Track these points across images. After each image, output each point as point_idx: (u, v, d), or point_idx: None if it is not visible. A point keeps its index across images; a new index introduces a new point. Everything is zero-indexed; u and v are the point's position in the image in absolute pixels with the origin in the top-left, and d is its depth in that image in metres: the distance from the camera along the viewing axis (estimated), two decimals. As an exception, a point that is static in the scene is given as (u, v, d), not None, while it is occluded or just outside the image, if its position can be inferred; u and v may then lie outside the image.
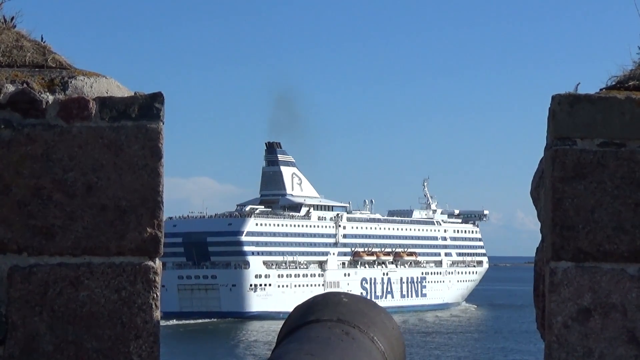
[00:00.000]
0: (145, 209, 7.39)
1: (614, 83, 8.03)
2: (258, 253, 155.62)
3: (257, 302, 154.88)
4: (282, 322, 6.41)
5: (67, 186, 7.32)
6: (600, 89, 7.93)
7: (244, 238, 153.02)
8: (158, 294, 7.39)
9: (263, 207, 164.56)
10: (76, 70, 7.58)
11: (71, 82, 7.40)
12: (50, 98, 7.31)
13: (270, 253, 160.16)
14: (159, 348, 7.47)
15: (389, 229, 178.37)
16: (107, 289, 7.35)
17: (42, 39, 7.77)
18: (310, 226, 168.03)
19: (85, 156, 7.35)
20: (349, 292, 5.42)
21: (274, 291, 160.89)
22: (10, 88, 7.27)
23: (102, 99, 7.37)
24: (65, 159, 7.32)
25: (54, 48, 7.72)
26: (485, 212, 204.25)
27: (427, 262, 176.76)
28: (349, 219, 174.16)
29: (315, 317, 4.57)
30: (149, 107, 7.41)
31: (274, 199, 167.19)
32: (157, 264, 7.46)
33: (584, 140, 7.61)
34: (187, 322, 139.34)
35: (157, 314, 7.40)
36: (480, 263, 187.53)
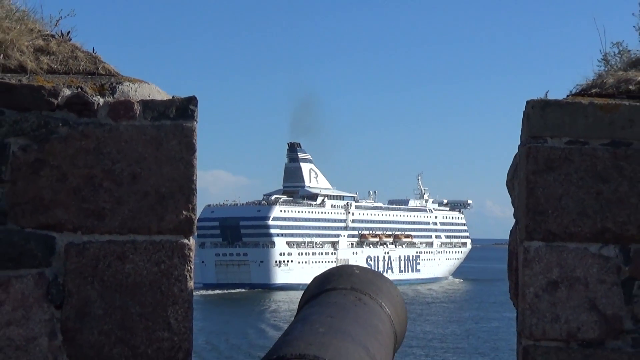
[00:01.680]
0: (181, 195, 7.29)
1: (578, 90, 7.98)
2: (282, 235, 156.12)
3: (281, 275, 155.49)
4: (302, 292, 6.42)
5: (115, 175, 7.22)
6: (567, 95, 7.86)
7: (270, 222, 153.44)
8: (192, 267, 7.32)
9: (286, 196, 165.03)
10: (123, 77, 7.49)
11: (119, 87, 7.31)
12: (101, 101, 7.22)
13: (292, 235, 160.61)
14: (192, 313, 7.38)
15: (389, 215, 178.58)
16: (149, 263, 7.26)
17: (93, 50, 7.70)
18: (325, 213, 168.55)
19: (131, 150, 7.25)
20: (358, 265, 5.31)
21: (295, 266, 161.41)
22: (67, 92, 7.18)
23: (145, 102, 7.29)
24: (114, 152, 7.23)
25: (104, 58, 7.65)
26: (469, 201, 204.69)
27: (421, 243, 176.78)
28: (356, 207, 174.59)
29: (332, 286, 4.50)
30: (184, 108, 7.32)
31: (295, 190, 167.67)
32: (191, 241, 7.39)
33: (553, 139, 7.53)
34: (223, 291, 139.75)
35: (191, 284, 7.33)
36: (464, 244, 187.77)
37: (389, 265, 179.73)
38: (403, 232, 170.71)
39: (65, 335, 7.19)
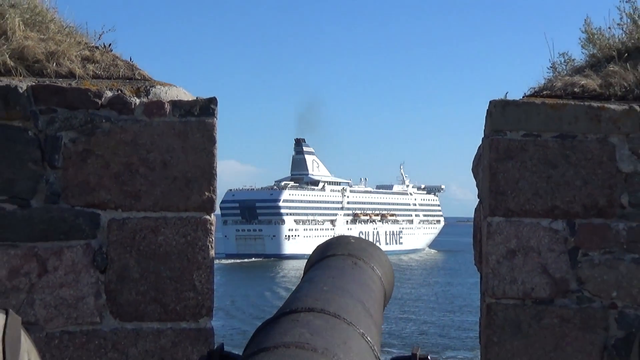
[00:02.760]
0: (204, 179, 7.25)
1: (532, 92, 7.96)
2: (290, 214, 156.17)
3: (289, 247, 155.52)
4: (307, 259, 6.36)
5: (149, 163, 7.17)
6: (523, 96, 7.82)
7: (281, 204, 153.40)
8: (213, 238, 7.30)
9: (293, 182, 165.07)
10: (155, 81, 7.46)
11: (152, 90, 7.27)
12: (137, 101, 7.18)
13: (298, 214, 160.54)
14: (213, 277, 7.35)
15: (377, 198, 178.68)
16: (177, 235, 7.22)
17: (130, 59, 7.68)
18: (325, 196, 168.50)
19: (162, 141, 7.21)
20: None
21: (301, 239, 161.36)
22: (109, 94, 7.14)
23: (174, 102, 7.25)
24: (148, 144, 7.18)
25: (139, 65, 7.64)
26: (442, 186, 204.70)
27: (403, 220, 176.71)
28: (351, 191, 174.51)
29: (332, 252, 4.46)
30: (206, 107, 7.27)
31: (300, 177, 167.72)
32: (212, 217, 7.36)
33: (512, 132, 7.48)
34: (242, 260, 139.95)
35: (212, 252, 7.32)
36: (438, 222, 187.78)
37: (377, 239, 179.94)
38: (388, 212, 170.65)
39: (108, 295, 7.17)
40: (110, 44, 7.69)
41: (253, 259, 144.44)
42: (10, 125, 7.07)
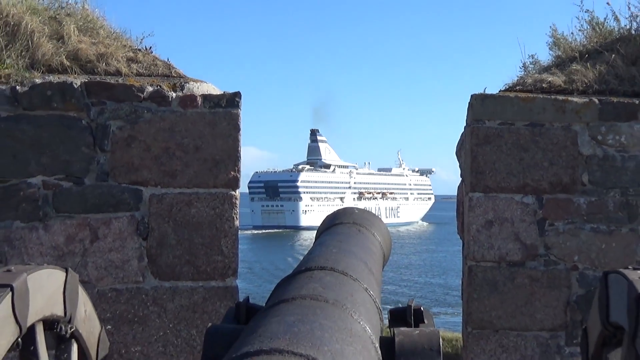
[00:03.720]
0: (230, 161, 7.19)
1: (507, 87, 7.93)
2: (306, 192, 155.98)
3: (306, 220, 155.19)
4: None
5: (183, 147, 7.13)
6: (499, 91, 7.78)
7: (299, 184, 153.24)
8: (237, 211, 7.29)
9: (309, 166, 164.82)
10: (189, 78, 7.41)
11: (186, 85, 7.21)
12: (174, 95, 7.13)
13: (313, 192, 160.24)
14: (238, 243, 7.32)
15: (378, 179, 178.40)
16: (207, 208, 7.18)
17: (167, 59, 7.65)
18: (335, 177, 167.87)
19: (195, 129, 7.16)
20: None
21: (315, 214, 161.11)
22: (150, 89, 7.10)
23: (204, 95, 7.21)
24: (183, 131, 7.13)
25: (175, 64, 7.61)
26: (433, 169, 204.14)
27: (400, 198, 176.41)
28: (357, 173, 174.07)
29: (339, 221, 4.42)
30: (232, 100, 7.22)
31: (315, 162, 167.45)
32: (237, 193, 7.31)
33: (490, 121, 7.41)
34: (266, 231, 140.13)
35: (237, 223, 7.30)
36: (430, 199, 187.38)
37: (379, 213, 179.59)
38: (388, 191, 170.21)
39: (149, 258, 7.15)
40: (150, 47, 7.68)
41: (275, 230, 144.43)
42: (67, 116, 7.04)
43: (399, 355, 2.73)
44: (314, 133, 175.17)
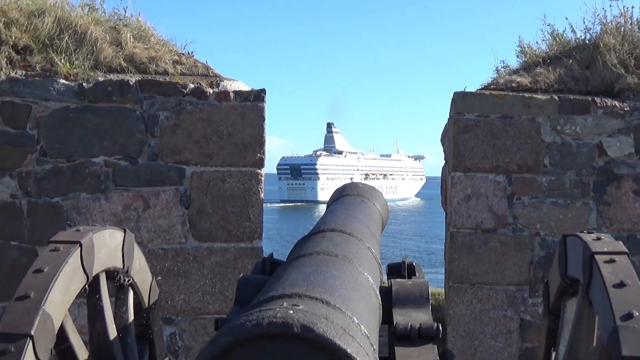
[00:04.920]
0: (257, 145, 7.09)
1: (483, 86, 7.80)
2: (323, 173, 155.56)
3: (322, 195, 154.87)
4: None
5: (219, 133, 7.04)
6: (477, 89, 7.64)
7: (317, 166, 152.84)
8: (262, 186, 7.22)
9: (325, 152, 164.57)
10: (223, 77, 7.32)
11: (221, 83, 7.12)
12: (211, 91, 7.03)
13: (328, 174, 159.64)
14: (262, 213, 7.22)
15: (381, 162, 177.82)
16: (238, 183, 7.09)
17: (206, 62, 7.54)
18: (346, 161, 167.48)
19: (228, 119, 7.06)
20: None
21: (330, 191, 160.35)
22: (191, 86, 6.99)
23: (236, 91, 7.11)
24: (218, 120, 7.04)
25: (212, 66, 7.51)
26: (425, 155, 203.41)
27: (398, 178, 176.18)
28: (364, 158, 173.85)
29: (346, 193, 4.37)
30: (258, 95, 7.12)
31: (330, 148, 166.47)
32: (262, 171, 7.19)
33: (469, 114, 7.30)
34: (290, 204, 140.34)
35: (262, 195, 7.22)
36: (421, 179, 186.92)
37: (380, 191, 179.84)
38: (388, 172, 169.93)
39: (191, 224, 7.07)
40: (191, 52, 7.58)
41: (298, 203, 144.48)
42: (124, 107, 6.97)
43: (395, 301, 2.72)
44: (329, 126, 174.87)
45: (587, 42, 8.03)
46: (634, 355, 2.09)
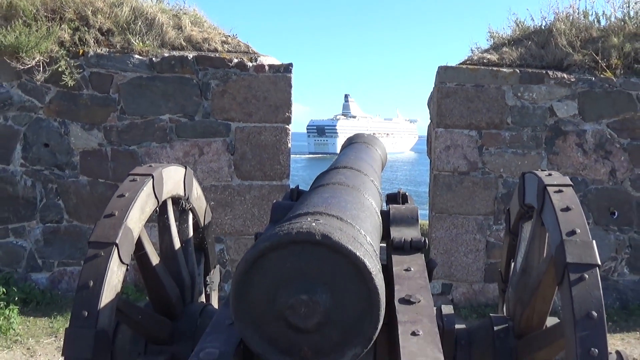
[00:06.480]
0: (285, 106, 6.95)
1: (461, 62, 7.53)
2: (341, 132, 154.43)
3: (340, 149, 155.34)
4: None
5: (257, 97, 6.90)
6: (457, 64, 7.35)
7: (337, 127, 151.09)
8: (289, 139, 7.09)
9: (343, 116, 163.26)
10: (260, 54, 7.16)
11: (258, 58, 6.96)
12: (250, 64, 6.88)
13: (345, 133, 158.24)
14: (290, 158, 7.07)
15: (385, 124, 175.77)
16: (271, 135, 6.98)
17: (247, 42, 7.35)
18: (358, 124, 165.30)
19: (263, 86, 6.91)
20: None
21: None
22: (235, 60, 6.87)
23: (269, 65, 6.95)
24: (256, 87, 6.90)
25: (252, 45, 7.33)
26: (418, 119, 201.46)
27: (397, 136, 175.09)
28: (372, 121, 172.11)
29: (355, 141, 4.34)
30: (287, 68, 6.96)
31: (346, 114, 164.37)
32: (289, 126, 7.04)
33: (449, 83, 7.09)
34: (317, 155, 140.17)
35: (289, 145, 7.09)
36: (415, 137, 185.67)
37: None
38: (390, 132, 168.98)
39: (235, 166, 6.96)
40: (236, 34, 7.39)
41: (322, 154, 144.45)
42: (184, 77, 6.84)
43: (392, 221, 2.68)
44: (346, 96, 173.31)
45: (543, 27, 7.79)
46: (576, 262, 2.04)
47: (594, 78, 7.07)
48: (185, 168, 3.16)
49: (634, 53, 7.18)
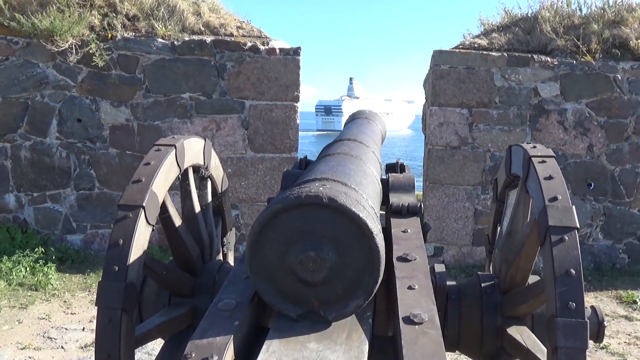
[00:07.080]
0: (294, 86, 6.89)
1: (454, 47, 7.40)
2: (347, 112, 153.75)
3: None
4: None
5: (269, 78, 6.83)
6: (450, 48, 7.24)
7: (342, 107, 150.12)
8: (298, 114, 7.02)
9: (348, 97, 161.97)
10: (271, 38, 7.06)
11: (270, 42, 6.86)
12: (263, 48, 6.79)
13: (350, 112, 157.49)
14: (298, 133, 7.04)
15: (385, 104, 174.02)
16: (281, 113, 6.92)
17: (260, 27, 7.23)
18: (361, 104, 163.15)
19: (275, 67, 6.84)
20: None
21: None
22: (249, 44, 6.78)
23: (280, 48, 6.87)
24: (268, 68, 6.83)
25: (264, 30, 7.20)
26: (414, 100, 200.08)
27: (396, 115, 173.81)
28: (374, 102, 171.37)
29: (357, 117, 4.35)
30: (296, 51, 6.88)
31: (351, 95, 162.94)
32: (298, 104, 6.99)
33: (443, 66, 7.01)
34: (324, 132, 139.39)
35: (298, 121, 7.05)
36: (412, 117, 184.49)
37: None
38: (390, 112, 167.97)
39: (249, 140, 6.92)
40: (249, 20, 7.28)
41: (328, 131, 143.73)
42: (202, 59, 6.78)
43: (391, 188, 2.67)
44: (350, 79, 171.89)
45: (529, 15, 7.67)
46: (557, 225, 2.03)
47: (575, 62, 6.99)
48: (205, 140, 3.15)
49: (612, 39, 7.08)
